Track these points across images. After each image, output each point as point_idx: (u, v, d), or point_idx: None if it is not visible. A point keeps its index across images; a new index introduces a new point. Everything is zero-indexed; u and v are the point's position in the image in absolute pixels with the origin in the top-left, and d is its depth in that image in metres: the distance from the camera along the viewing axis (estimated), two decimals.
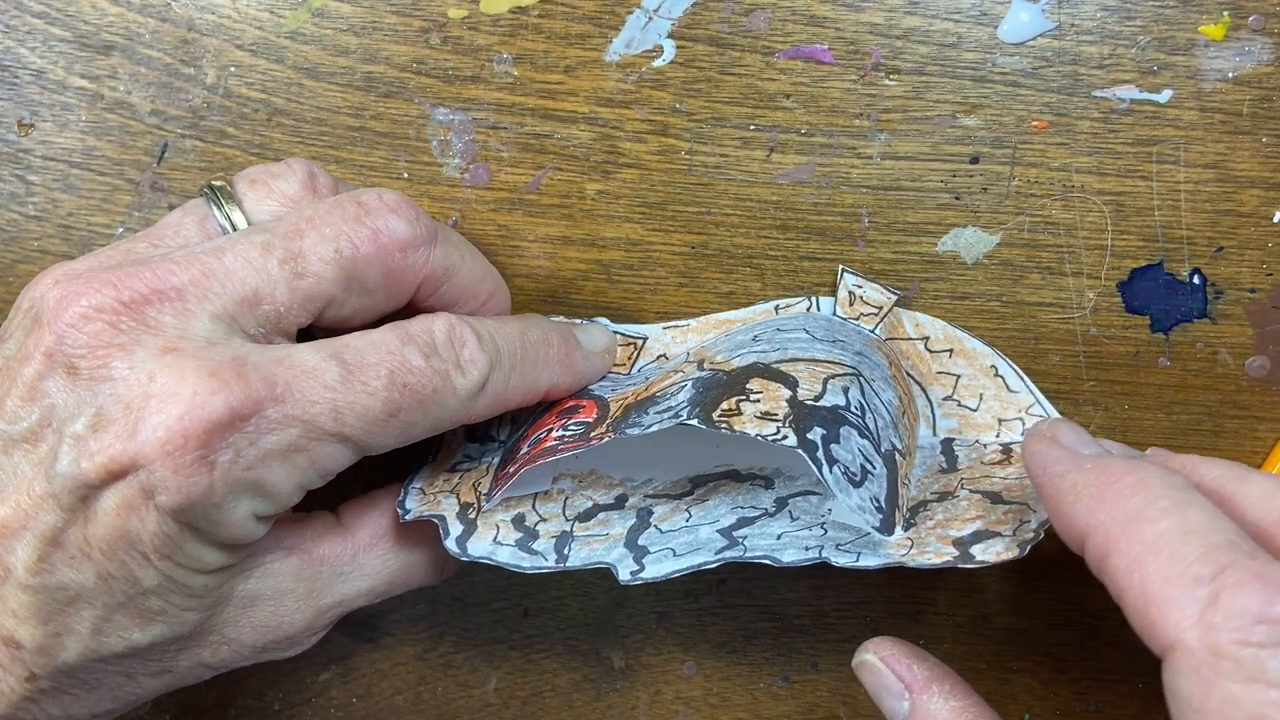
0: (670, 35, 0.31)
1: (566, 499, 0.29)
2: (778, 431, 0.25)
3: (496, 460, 0.30)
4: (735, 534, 0.28)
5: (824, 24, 0.30)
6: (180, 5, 0.31)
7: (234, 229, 0.26)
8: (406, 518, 0.28)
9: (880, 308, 0.31)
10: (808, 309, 0.31)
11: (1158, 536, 0.20)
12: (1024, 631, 0.33)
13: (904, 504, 0.28)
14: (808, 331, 0.30)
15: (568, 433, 0.28)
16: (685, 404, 0.27)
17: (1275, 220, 0.31)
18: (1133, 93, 0.30)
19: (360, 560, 0.28)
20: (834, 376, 0.28)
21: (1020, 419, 0.31)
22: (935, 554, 0.26)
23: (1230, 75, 0.30)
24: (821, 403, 0.27)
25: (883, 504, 0.27)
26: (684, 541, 0.28)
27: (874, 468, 0.27)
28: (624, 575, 0.27)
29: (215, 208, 0.26)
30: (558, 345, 0.29)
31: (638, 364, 0.32)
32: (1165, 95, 0.30)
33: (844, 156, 0.31)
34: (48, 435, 0.23)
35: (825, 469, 0.25)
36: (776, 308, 0.32)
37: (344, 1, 0.31)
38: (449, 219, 0.32)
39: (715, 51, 0.31)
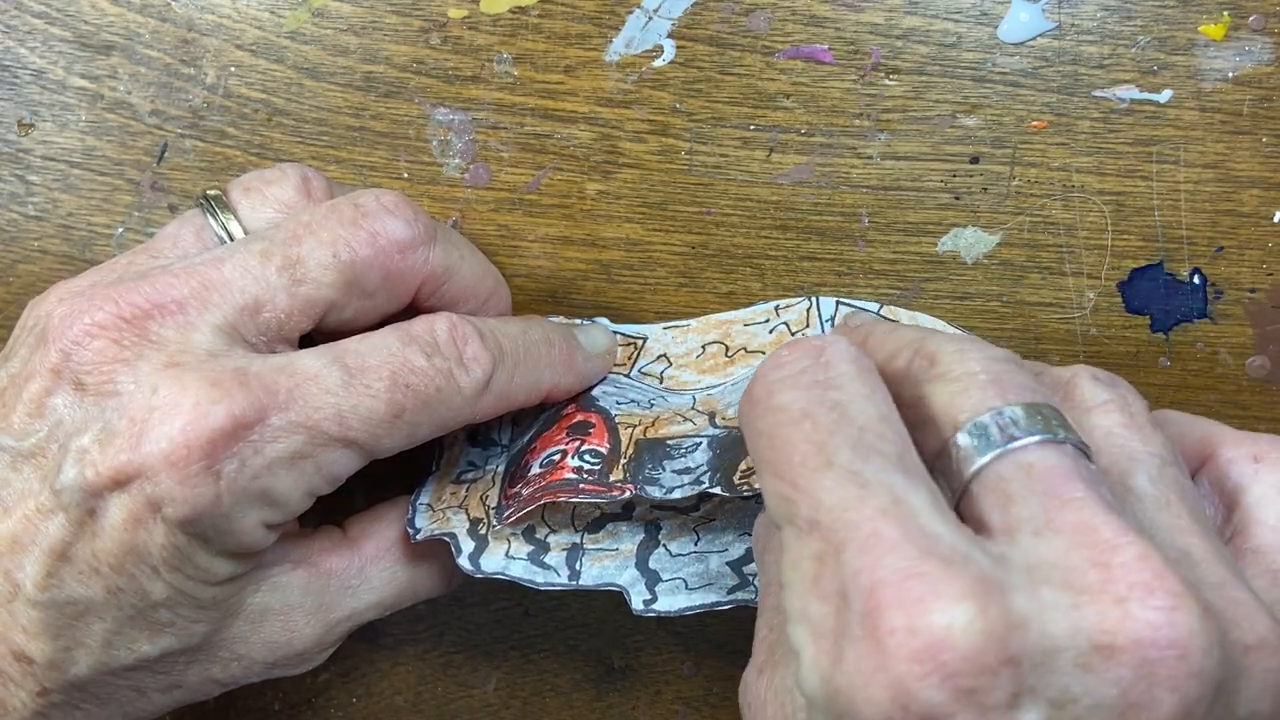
0: (670, 35, 0.31)
1: (575, 507, 0.29)
2: None
3: (501, 468, 0.30)
4: (745, 570, 0.28)
5: (824, 24, 0.30)
6: (180, 5, 0.31)
7: (230, 238, 0.26)
8: (418, 538, 0.28)
9: None
10: (808, 309, 0.31)
11: None
12: None
13: None
14: None
15: (585, 465, 0.28)
16: (705, 466, 0.27)
17: (1275, 220, 0.31)
18: (1133, 93, 0.30)
19: (368, 573, 0.28)
20: None
21: None
22: None
23: (1230, 75, 0.30)
24: None
25: None
26: (694, 572, 0.28)
27: None
28: (636, 604, 0.28)
29: (211, 217, 0.26)
30: (559, 345, 0.29)
31: (638, 364, 0.32)
32: (1165, 95, 0.30)
33: (844, 156, 0.31)
34: (53, 450, 0.23)
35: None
36: (777, 308, 0.32)
37: (344, 1, 0.31)
38: (449, 219, 0.32)
39: (715, 51, 0.31)
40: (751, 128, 0.31)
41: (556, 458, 0.28)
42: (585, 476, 0.28)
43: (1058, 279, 0.31)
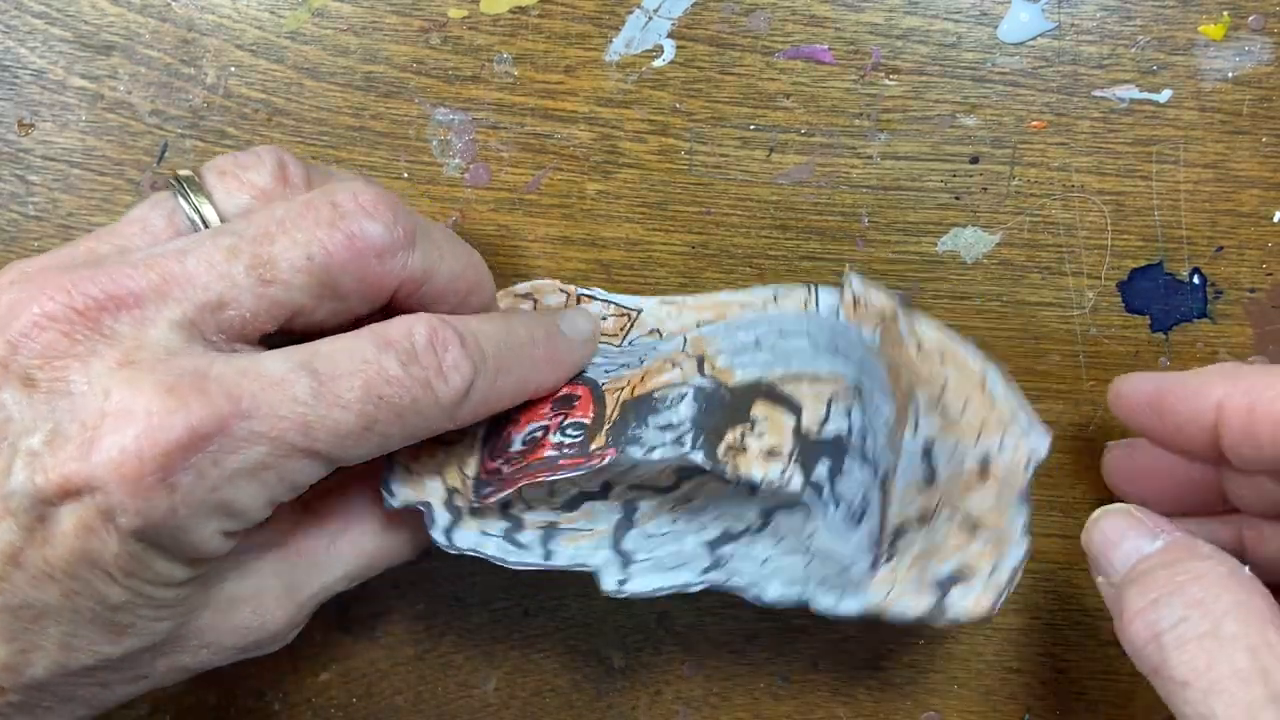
0: (670, 35, 0.31)
1: (553, 484, 0.29)
2: (783, 473, 0.26)
3: (482, 431, 0.29)
4: (720, 550, 0.28)
5: (824, 24, 0.30)
6: (180, 5, 0.31)
7: (204, 222, 0.25)
8: (393, 503, 0.28)
9: (883, 313, 0.31)
10: (805, 302, 0.31)
11: None
12: (1024, 631, 0.33)
13: (890, 529, 0.28)
14: (810, 338, 0.30)
15: (566, 439, 0.28)
16: (688, 423, 0.27)
17: (1275, 220, 0.31)
18: (1132, 92, 0.30)
19: (337, 547, 0.28)
20: (837, 397, 0.28)
21: (1001, 432, 0.30)
22: (913, 601, 0.27)
23: (1230, 75, 0.30)
24: (825, 433, 0.27)
25: (876, 539, 0.27)
26: (669, 552, 0.28)
27: (872, 498, 0.28)
28: (609, 584, 0.28)
29: (183, 200, 0.25)
30: (544, 344, 0.28)
31: (629, 336, 0.31)
32: (1165, 95, 0.30)
33: (844, 156, 0.31)
34: (4, 449, 0.22)
35: (832, 510, 0.26)
36: (775, 295, 0.31)
37: (344, 1, 0.31)
38: (449, 219, 0.32)
39: (715, 51, 0.31)
40: (751, 128, 0.31)
41: (539, 434, 0.28)
42: (565, 452, 0.27)
43: (1058, 279, 0.31)
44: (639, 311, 0.31)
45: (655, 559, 0.28)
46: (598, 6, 0.30)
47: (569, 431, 0.28)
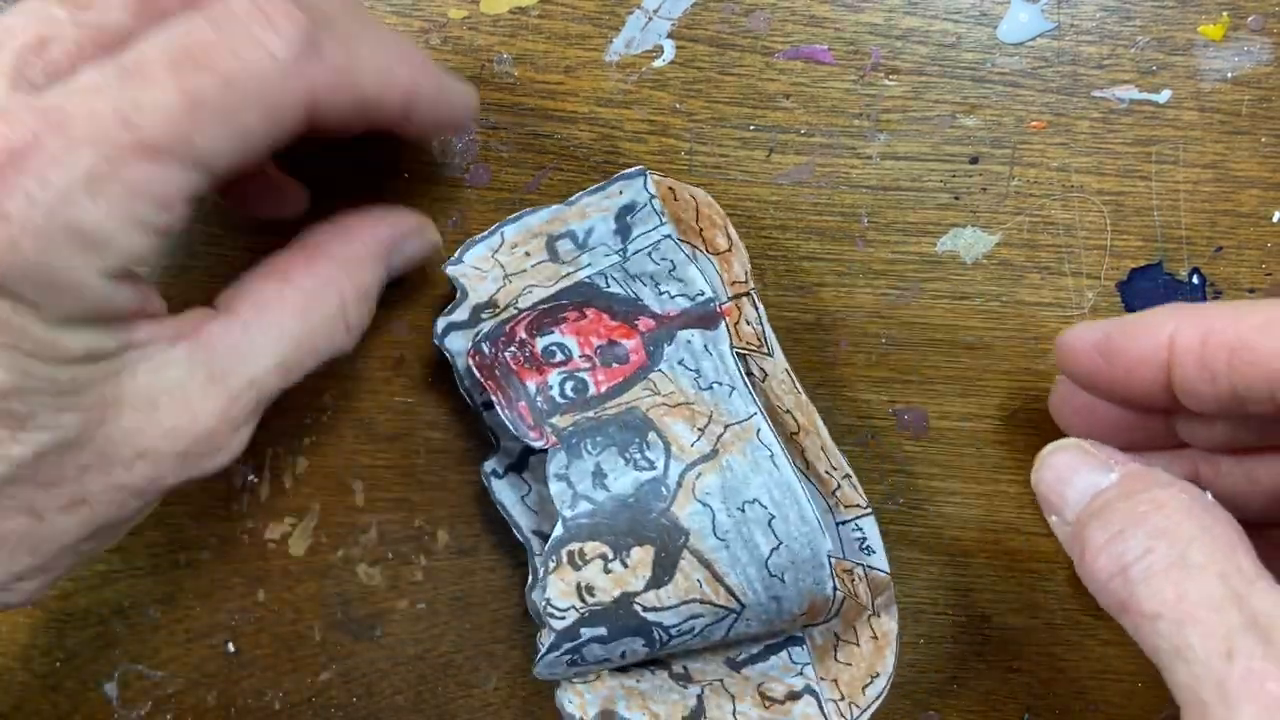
0: (670, 35, 0.31)
1: (494, 413, 0.29)
2: (564, 610, 0.27)
3: (540, 296, 0.29)
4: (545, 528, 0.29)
5: (824, 24, 0.30)
6: None
7: None
8: (449, 268, 0.30)
9: (875, 590, 0.30)
10: (850, 506, 0.30)
11: None
12: (1024, 631, 0.33)
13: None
14: (781, 548, 0.28)
15: (554, 390, 0.28)
16: (606, 502, 0.27)
17: (1275, 220, 0.31)
18: (1132, 93, 0.30)
19: (252, 333, 0.26)
20: (702, 606, 0.27)
21: (834, 699, 0.30)
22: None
23: (1229, 75, 0.30)
24: (650, 615, 0.27)
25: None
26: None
27: (617, 657, 0.28)
28: (488, 467, 0.31)
29: None
30: (413, 47, 0.25)
31: (749, 357, 0.30)
32: (1164, 95, 0.30)
33: (844, 156, 0.31)
34: None
35: (557, 661, 0.28)
36: (847, 476, 0.30)
37: None
38: (449, 219, 0.32)
39: (715, 51, 0.31)
40: (751, 128, 0.31)
41: (557, 357, 0.28)
42: (537, 401, 0.28)
43: (1057, 279, 0.31)
44: (770, 355, 0.30)
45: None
46: (598, 6, 0.31)
47: (568, 387, 0.28)
